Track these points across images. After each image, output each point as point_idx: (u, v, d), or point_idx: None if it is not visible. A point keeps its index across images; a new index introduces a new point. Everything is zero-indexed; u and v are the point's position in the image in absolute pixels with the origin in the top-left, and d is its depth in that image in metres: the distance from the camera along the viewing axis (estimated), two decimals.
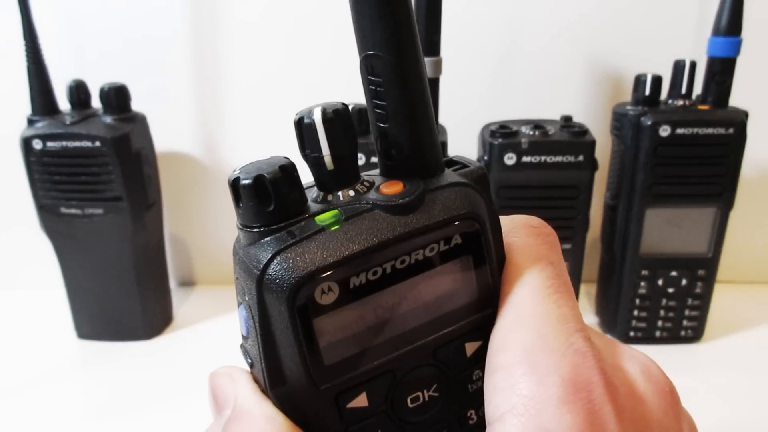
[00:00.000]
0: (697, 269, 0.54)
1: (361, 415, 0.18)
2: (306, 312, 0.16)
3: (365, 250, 0.16)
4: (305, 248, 0.16)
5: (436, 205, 0.17)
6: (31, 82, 0.50)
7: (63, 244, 0.55)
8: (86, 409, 0.50)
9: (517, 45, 0.60)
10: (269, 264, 0.16)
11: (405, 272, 0.17)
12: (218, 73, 0.61)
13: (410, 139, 0.18)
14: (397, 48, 0.17)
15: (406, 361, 0.18)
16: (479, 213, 0.18)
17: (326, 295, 0.16)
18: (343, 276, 0.16)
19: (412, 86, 0.17)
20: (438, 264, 0.18)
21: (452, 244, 0.17)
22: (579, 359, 0.16)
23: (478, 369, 0.19)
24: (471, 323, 0.18)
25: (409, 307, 0.18)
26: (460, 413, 0.19)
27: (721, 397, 0.50)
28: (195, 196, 0.65)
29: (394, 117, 0.18)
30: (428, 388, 0.19)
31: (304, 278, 0.16)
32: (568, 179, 0.51)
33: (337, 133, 0.17)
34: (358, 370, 0.17)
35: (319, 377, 0.17)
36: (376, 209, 0.17)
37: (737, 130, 0.49)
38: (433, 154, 0.18)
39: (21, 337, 0.59)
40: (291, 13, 0.59)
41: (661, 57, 0.52)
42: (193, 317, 0.62)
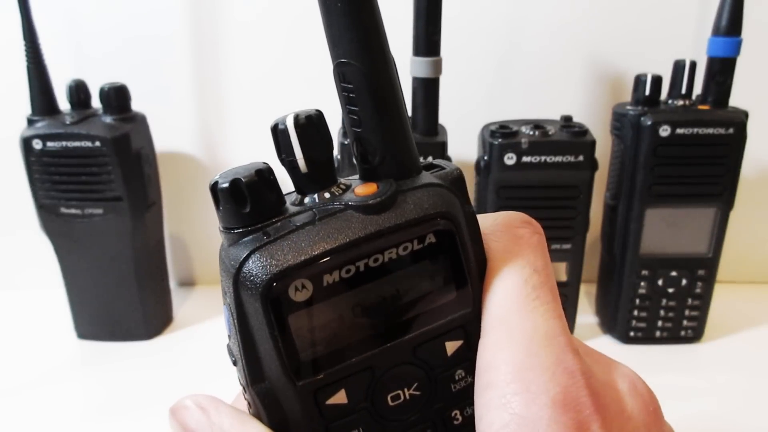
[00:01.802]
0: (697, 269, 0.54)
1: (341, 412, 0.18)
2: (280, 309, 0.17)
3: (337, 248, 0.17)
4: (279, 247, 0.17)
5: (408, 204, 0.18)
6: (31, 82, 0.50)
7: (63, 244, 0.55)
8: (86, 409, 0.50)
9: (517, 45, 0.60)
10: (245, 262, 0.17)
11: (379, 271, 0.17)
12: (218, 72, 0.61)
13: (383, 143, 0.18)
14: (366, 56, 0.17)
15: (385, 358, 0.18)
16: (453, 212, 0.18)
17: (300, 293, 0.17)
18: (316, 273, 0.17)
19: (382, 92, 0.18)
20: (412, 263, 0.18)
21: (426, 243, 0.18)
22: (569, 379, 0.16)
23: (460, 369, 0.19)
24: (450, 322, 0.19)
25: (386, 306, 0.18)
26: (445, 413, 0.19)
27: (721, 397, 0.50)
28: (195, 196, 0.65)
29: (366, 122, 0.18)
30: (409, 387, 0.19)
31: (277, 276, 0.16)
32: (568, 179, 0.51)
33: (310, 138, 0.18)
34: (335, 367, 0.18)
35: (296, 373, 0.17)
36: (349, 209, 0.17)
37: (737, 130, 0.49)
38: (407, 156, 0.19)
39: (21, 337, 0.59)
40: (290, 13, 0.59)
41: (661, 57, 0.52)
42: (193, 317, 0.62)
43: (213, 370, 0.53)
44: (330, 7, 0.17)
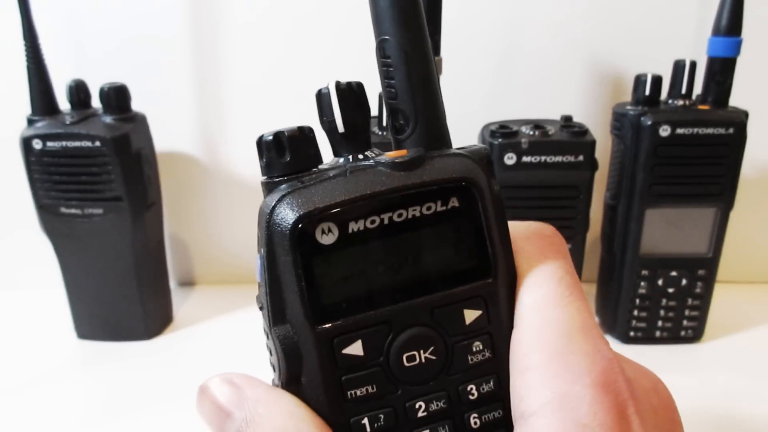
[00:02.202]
0: (697, 269, 0.54)
1: (356, 363, 0.18)
2: (307, 249, 0.18)
3: (363, 197, 0.18)
4: (309, 192, 0.18)
5: (435, 167, 0.19)
6: (31, 82, 0.50)
7: (63, 244, 0.55)
8: (86, 409, 0.50)
9: (517, 45, 0.60)
10: (277, 205, 0.18)
11: (403, 226, 0.18)
12: (218, 73, 0.61)
13: (416, 114, 0.20)
14: (404, 33, 0.19)
15: (403, 316, 0.19)
16: (477, 180, 0.19)
17: (326, 236, 0.18)
18: (342, 219, 0.18)
19: (417, 66, 0.20)
20: (435, 224, 0.19)
21: (449, 206, 0.19)
22: (607, 364, 0.17)
23: (478, 341, 0.19)
24: (470, 290, 0.19)
25: (408, 263, 0.19)
26: (460, 386, 0.19)
27: (721, 397, 0.50)
28: (195, 196, 0.65)
29: (402, 94, 0.20)
30: (425, 349, 0.19)
31: (304, 216, 0.18)
32: (568, 179, 0.51)
33: (348, 101, 0.20)
34: (355, 316, 0.18)
35: (316, 316, 0.18)
36: (379, 166, 0.19)
37: (737, 130, 0.49)
38: (438, 129, 0.20)
39: (21, 337, 0.59)
40: (291, 13, 0.59)
41: (661, 57, 0.52)
42: (193, 317, 0.62)
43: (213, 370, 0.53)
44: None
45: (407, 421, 0.19)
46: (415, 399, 0.19)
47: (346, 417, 0.19)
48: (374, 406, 0.19)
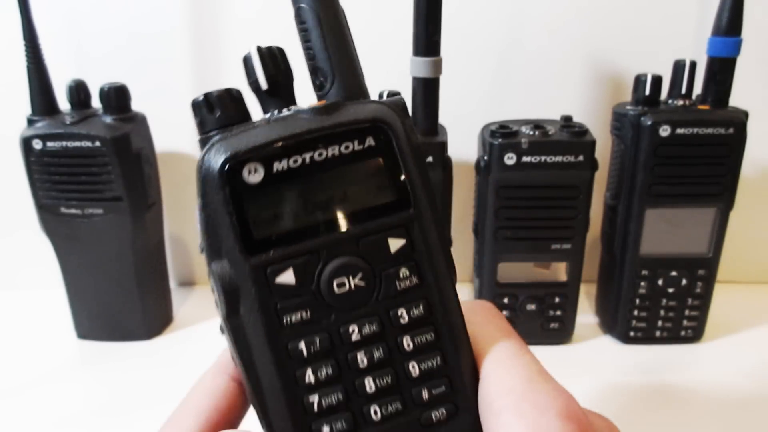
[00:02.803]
0: (697, 269, 0.54)
1: (290, 291, 0.20)
2: (236, 188, 0.19)
3: (284, 137, 0.19)
4: (235, 138, 0.20)
5: (351, 111, 0.20)
6: (31, 82, 0.50)
7: (63, 244, 0.55)
8: (86, 409, 0.50)
9: (517, 45, 0.60)
10: (207, 152, 0.20)
11: (324, 165, 0.20)
12: (218, 72, 0.61)
13: (332, 70, 0.22)
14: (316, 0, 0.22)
15: (331, 246, 0.20)
16: (390, 121, 0.20)
17: (253, 175, 0.19)
18: (266, 158, 0.19)
19: (330, 27, 0.22)
20: (354, 161, 0.20)
21: (366, 144, 0.20)
22: (567, 399, 0.20)
23: (405, 267, 0.21)
24: (392, 221, 0.20)
25: (332, 199, 0.20)
26: (391, 310, 0.21)
27: (721, 397, 0.50)
28: (195, 196, 0.65)
29: (318, 53, 0.22)
30: (354, 276, 0.20)
31: (230, 158, 0.19)
32: (568, 179, 0.51)
33: (268, 60, 0.22)
34: (285, 248, 0.20)
35: (249, 249, 0.19)
36: (299, 114, 0.20)
37: (737, 130, 0.49)
38: (355, 83, 0.22)
39: (21, 337, 0.59)
40: (290, 12, 0.59)
41: (661, 57, 0.52)
42: (193, 317, 0.62)
43: None
44: None
45: (342, 344, 0.20)
46: (348, 323, 0.20)
47: (283, 342, 0.20)
48: (309, 331, 0.20)
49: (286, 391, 0.20)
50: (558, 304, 0.55)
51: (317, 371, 0.20)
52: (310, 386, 0.20)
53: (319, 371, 0.20)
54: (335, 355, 0.20)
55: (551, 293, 0.55)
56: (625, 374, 0.53)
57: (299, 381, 0.20)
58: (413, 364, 0.21)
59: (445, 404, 0.21)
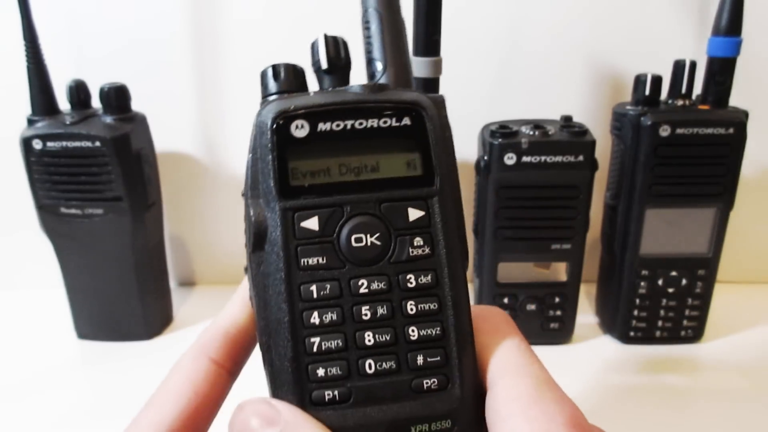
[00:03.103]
0: (697, 269, 0.54)
1: (312, 236, 0.22)
2: (282, 139, 0.21)
3: (332, 103, 0.22)
4: (291, 99, 0.22)
5: (395, 94, 0.23)
6: (31, 82, 0.50)
7: (63, 244, 0.55)
8: (86, 409, 0.50)
9: (518, 45, 0.60)
10: (264, 107, 0.22)
11: (363, 133, 0.22)
12: (218, 72, 0.61)
13: (385, 61, 0.25)
14: (383, 5, 0.25)
15: (356, 204, 0.22)
16: (428, 109, 0.23)
17: (299, 130, 0.22)
18: (313, 119, 0.22)
19: (388, 25, 0.25)
20: (389, 135, 0.22)
21: (402, 123, 0.22)
22: (574, 409, 0.20)
23: (419, 237, 0.22)
24: (415, 194, 0.22)
25: (364, 164, 0.22)
26: (400, 273, 0.22)
27: (721, 397, 0.50)
28: (195, 196, 0.65)
29: (375, 47, 0.25)
30: (371, 234, 0.22)
31: (282, 111, 0.22)
32: (568, 179, 0.51)
33: (333, 45, 0.24)
34: (315, 198, 0.22)
35: (283, 193, 0.21)
36: (350, 89, 0.23)
37: (737, 130, 0.49)
38: (404, 75, 0.25)
39: (21, 337, 0.59)
40: (292, 12, 0.59)
41: (661, 57, 0.52)
42: (193, 317, 0.63)
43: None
44: None
45: (350, 295, 0.22)
46: (359, 277, 0.22)
47: (298, 282, 0.21)
48: (322, 277, 0.22)
49: (291, 330, 0.21)
50: (558, 304, 0.55)
51: (322, 315, 0.21)
52: (314, 328, 0.21)
53: (324, 315, 0.21)
54: (341, 304, 0.22)
55: (551, 293, 0.55)
56: (625, 374, 0.53)
57: (305, 321, 0.21)
58: (413, 329, 0.22)
59: (437, 374, 0.22)
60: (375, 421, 0.21)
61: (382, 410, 0.21)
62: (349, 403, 0.21)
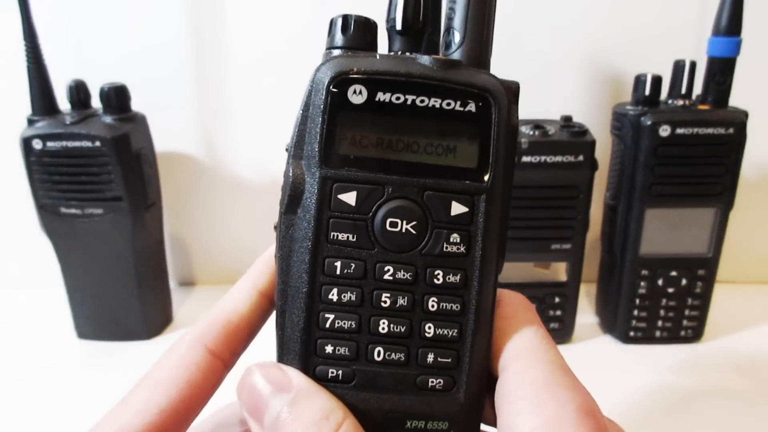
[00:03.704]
0: (697, 269, 0.54)
1: (346, 210, 0.21)
2: (336, 102, 0.20)
3: (396, 73, 0.20)
4: (355, 59, 0.21)
5: (466, 74, 0.21)
6: (31, 82, 0.50)
7: (63, 244, 0.55)
8: (86, 409, 0.50)
9: (517, 45, 0.60)
10: (324, 63, 0.21)
11: (423, 111, 0.20)
12: (218, 72, 0.61)
13: (464, 33, 0.22)
14: None
15: (399, 186, 0.21)
16: (498, 97, 0.21)
17: (356, 96, 0.20)
18: (373, 86, 0.20)
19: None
20: (450, 120, 0.21)
21: (467, 109, 0.21)
22: (586, 395, 0.20)
23: (457, 233, 0.21)
24: (463, 187, 0.21)
25: (418, 144, 0.21)
26: (429, 267, 0.21)
27: (721, 397, 0.50)
28: (195, 196, 0.65)
29: (458, 14, 0.22)
30: (408, 221, 0.21)
31: (342, 72, 0.20)
32: (568, 179, 0.51)
33: (412, 5, 0.22)
34: (358, 172, 0.21)
35: (327, 159, 0.20)
36: (420, 59, 0.21)
37: (737, 130, 0.49)
38: (482, 52, 0.23)
39: (21, 337, 0.59)
40: (292, 12, 0.59)
41: (661, 57, 0.52)
42: (193, 317, 0.63)
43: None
44: None
45: (374, 279, 0.21)
46: (386, 263, 0.21)
47: (323, 255, 0.21)
48: (349, 255, 0.21)
49: (308, 301, 0.21)
50: (558, 304, 0.55)
51: (342, 294, 0.21)
52: (330, 304, 0.21)
53: (344, 294, 0.21)
54: (363, 285, 0.21)
55: (551, 293, 0.55)
56: (625, 374, 0.53)
57: (323, 296, 0.21)
58: (429, 326, 0.21)
59: (444, 375, 0.21)
60: (372, 408, 0.21)
61: (381, 399, 0.21)
62: (351, 385, 0.21)
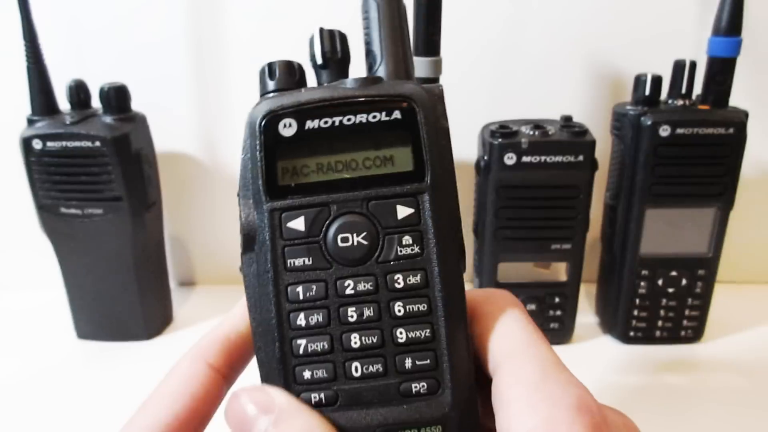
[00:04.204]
0: (697, 269, 0.54)
1: (298, 236, 0.21)
2: (270, 138, 0.21)
3: (320, 100, 0.21)
4: (282, 97, 0.22)
5: (387, 86, 0.22)
6: (31, 82, 0.50)
7: (63, 244, 0.55)
8: (86, 409, 0.50)
9: (517, 45, 0.60)
10: (256, 106, 0.22)
11: (351, 129, 0.21)
12: (219, 72, 0.61)
13: (382, 52, 0.24)
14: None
15: (343, 203, 0.22)
16: (421, 102, 0.22)
17: (287, 129, 0.21)
18: (301, 116, 0.21)
19: (386, 16, 0.24)
20: (378, 130, 0.21)
21: (392, 117, 0.21)
22: (581, 391, 0.19)
23: (408, 235, 0.21)
24: (404, 190, 0.22)
25: (353, 161, 0.22)
26: (388, 273, 0.21)
27: (721, 397, 0.50)
28: (195, 196, 0.66)
29: (373, 36, 0.24)
30: (358, 233, 0.21)
31: (270, 110, 0.21)
32: (568, 179, 0.51)
33: (328, 39, 0.23)
34: (302, 198, 0.21)
35: (271, 193, 0.21)
36: (341, 83, 0.22)
37: (737, 130, 0.49)
38: (402, 67, 0.24)
39: (21, 338, 0.59)
40: (293, 12, 0.59)
41: (661, 57, 0.52)
42: (193, 317, 0.63)
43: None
44: None
45: (337, 296, 0.21)
46: (346, 277, 0.21)
47: (285, 284, 0.21)
48: (309, 278, 0.21)
49: (279, 331, 0.21)
50: (558, 304, 0.55)
51: (309, 317, 0.21)
52: (300, 330, 0.21)
53: (311, 317, 0.21)
54: (328, 305, 0.21)
55: (551, 293, 0.55)
56: (625, 374, 0.53)
57: (291, 323, 0.21)
58: (401, 331, 0.21)
59: (426, 378, 0.21)
60: (362, 425, 0.21)
61: (369, 414, 0.21)
62: (336, 406, 0.21)
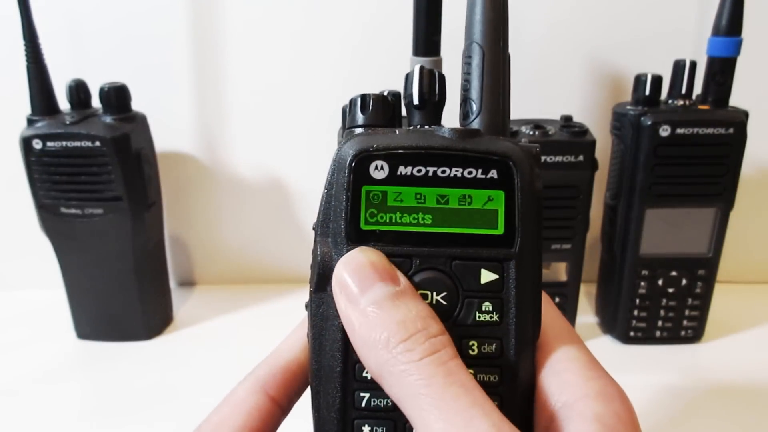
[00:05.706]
0: (697, 269, 0.54)
1: None
2: (359, 178, 0.20)
3: (416, 147, 0.21)
4: (375, 137, 0.21)
5: (485, 141, 0.21)
6: (31, 82, 0.50)
7: (63, 244, 0.55)
8: (86, 409, 0.50)
9: (517, 45, 0.60)
10: (346, 142, 0.21)
11: (445, 182, 0.21)
12: (219, 72, 0.61)
13: (481, 103, 0.23)
14: (486, 38, 0.24)
15: (425, 257, 0.21)
16: (521, 163, 0.21)
17: (378, 171, 0.21)
18: (394, 161, 0.21)
19: (490, 65, 0.24)
20: (473, 187, 0.21)
21: (488, 175, 0.21)
22: (622, 390, 0.21)
23: (489, 302, 0.21)
24: (491, 254, 0.21)
25: (441, 214, 0.21)
26: (463, 338, 0.21)
27: (721, 397, 0.50)
28: (195, 196, 0.66)
29: (473, 85, 0.24)
30: (438, 292, 0.21)
31: (363, 150, 0.21)
32: (568, 179, 0.51)
33: (428, 80, 0.23)
34: (384, 246, 0.21)
35: (352, 236, 0.21)
36: (438, 131, 0.21)
37: (737, 130, 0.49)
38: (499, 120, 0.23)
39: (21, 337, 0.59)
40: (293, 12, 0.59)
41: (661, 57, 0.52)
42: (193, 317, 0.62)
43: (213, 370, 0.53)
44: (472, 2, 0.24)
45: None
46: None
47: None
48: None
49: (342, 380, 0.21)
50: (558, 304, 0.55)
51: None
52: (365, 382, 0.20)
53: None
54: None
55: (551, 293, 0.55)
56: (625, 374, 0.53)
57: (356, 374, 0.21)
58: None
59: None
60: None
61: None
62: None
